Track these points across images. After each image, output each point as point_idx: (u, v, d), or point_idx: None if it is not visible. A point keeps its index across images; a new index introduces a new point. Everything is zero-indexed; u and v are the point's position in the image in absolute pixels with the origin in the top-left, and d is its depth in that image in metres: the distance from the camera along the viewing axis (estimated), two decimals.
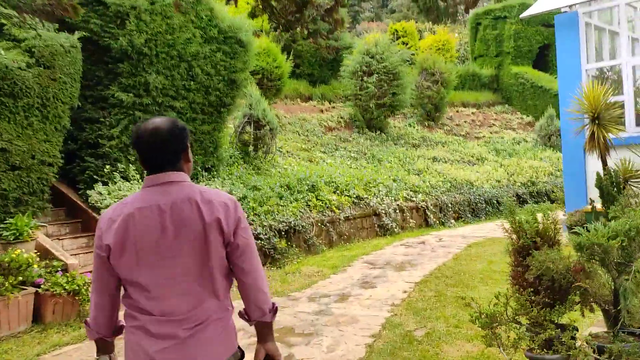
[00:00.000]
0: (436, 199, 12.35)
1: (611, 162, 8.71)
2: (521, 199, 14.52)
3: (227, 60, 9.44)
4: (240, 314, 2.08)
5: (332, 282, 7.02)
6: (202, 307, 1.90)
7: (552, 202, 15.60)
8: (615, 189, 4.39)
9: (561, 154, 18.70)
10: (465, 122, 20.77)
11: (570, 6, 9.45)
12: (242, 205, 5.54)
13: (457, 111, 21.61)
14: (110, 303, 1.99)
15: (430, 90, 18.63)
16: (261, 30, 15.82)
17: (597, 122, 8.51)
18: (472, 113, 21.84)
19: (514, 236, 3.79)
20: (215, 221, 1.89)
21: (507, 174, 15.10)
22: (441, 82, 18.94)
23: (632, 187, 8.58)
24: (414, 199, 11.86)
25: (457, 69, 22.48)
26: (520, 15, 10.52)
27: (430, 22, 36.38)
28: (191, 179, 2.03)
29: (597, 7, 9.32)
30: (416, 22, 29.21)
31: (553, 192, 15.42)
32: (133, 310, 1.92)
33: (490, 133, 20.26)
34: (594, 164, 9.12)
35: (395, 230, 10.84)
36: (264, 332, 2.06)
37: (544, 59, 24.46)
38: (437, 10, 44.29)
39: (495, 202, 13.58)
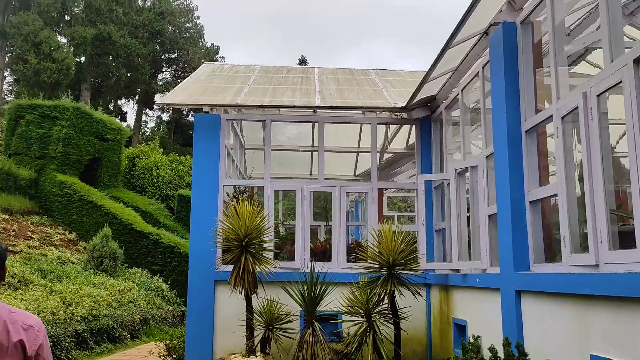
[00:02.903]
0: None
1: (256, 301, 7.07)
2: (81, 338, 11.08)
3: None
4: None
5: None
6: None
7: (113, 342, 12.68)
8: None
9: (116, 281, 16.25)
10: None
11: (212, 107, 7.97)
12: None
13: None
14: None
15: None
16: None
17: (247, 250, 6.83)
18: (4, 220, 17.06)
19: None
20: (19, 342, 1.96)
21: (64, 304, 11.47)
22: None
23: (279, 335, 7.07)
24: None
25: None
26: (157, 101, 8.28)
27: None
28: None
29: (241, 116, 8.16)
30: None
31: (114, 328, 12.59)
32: None
33: (29, 248, 15.99)
34: (228, 302, 7.28)
35: None
36: None
37: (94, 173, 22.35)
38: None
39: (51, 345, 9.70)
